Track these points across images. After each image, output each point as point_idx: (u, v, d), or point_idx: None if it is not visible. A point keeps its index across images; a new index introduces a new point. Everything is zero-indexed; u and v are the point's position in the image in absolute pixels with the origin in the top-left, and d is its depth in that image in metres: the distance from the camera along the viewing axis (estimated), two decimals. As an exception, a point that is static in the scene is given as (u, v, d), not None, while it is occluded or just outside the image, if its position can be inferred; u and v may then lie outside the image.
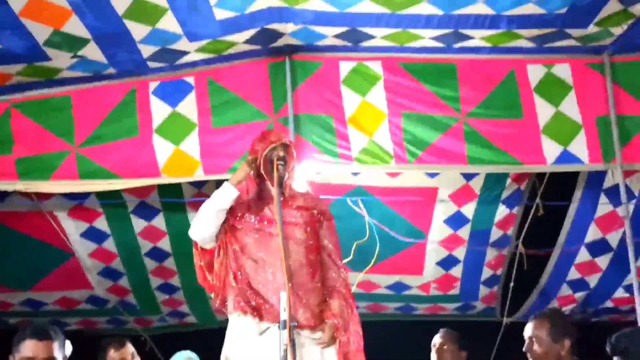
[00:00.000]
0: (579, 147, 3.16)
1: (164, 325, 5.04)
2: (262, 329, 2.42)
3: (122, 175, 3.27)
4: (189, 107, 3.26)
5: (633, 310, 4.28)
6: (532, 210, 3.89)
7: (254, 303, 2.44)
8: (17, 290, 4.36)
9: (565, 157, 3.16)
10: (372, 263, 3.54)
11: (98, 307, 4.65)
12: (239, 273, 2.52)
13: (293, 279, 2.44)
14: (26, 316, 4.59)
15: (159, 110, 3.25)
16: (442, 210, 4.01)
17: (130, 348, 3.55)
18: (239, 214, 2.58)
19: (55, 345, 2.42)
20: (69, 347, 2.53)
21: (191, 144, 3.25)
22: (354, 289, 3.41)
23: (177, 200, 3.87)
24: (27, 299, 4.44)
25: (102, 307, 4.66)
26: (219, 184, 3.77)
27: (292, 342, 2.20)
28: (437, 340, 3.62)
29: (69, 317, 4.69)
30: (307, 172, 3.31)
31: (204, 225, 2.58)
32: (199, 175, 3.30)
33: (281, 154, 2.52)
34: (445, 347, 3.55)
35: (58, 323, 3.19)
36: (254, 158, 2.57)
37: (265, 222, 2.55)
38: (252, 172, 2.58)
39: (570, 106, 3.22)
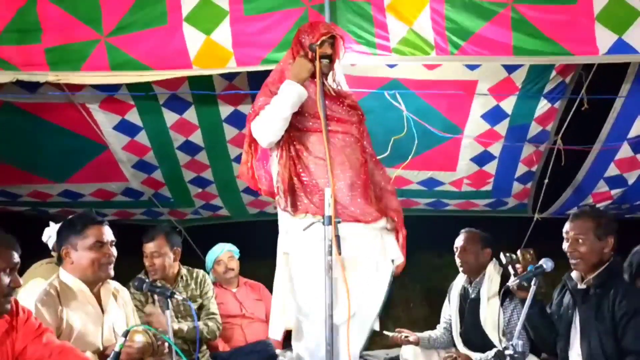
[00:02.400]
0: (636, 35, 2.93)
1: (197, 217, 5.17)
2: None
3: (153, 66, 3.19)
4: (219, -7, 3.10)
5: (670, 208, 4.25)
6: (576, 104, 3.75)
7: (320, 202, 2.46)
8: (54, 181, 4.46)
9: (619, 46, 2.95)
10: (410, 158, 3.49)
11: (134, 199, 4.75)
12: (304, 173, 2.51)
13: (353, 177, 2.48)
14: (65, 207, 4.73)
15: (188, -5, 3.10)
16: (480, 104, 3.88)
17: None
18: (299, 113, 2.52)
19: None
20: None
21: (223, 34, 3.13)
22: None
23: (208, 93, 3.79)
24: (64, 190, 4.55)
25: (138, 199, 4.76)
26: (251, 76, 3.73)
27: (337, 237, 2.23)
28: (458, 242, 3.62)
29: (106, 208, 4.82)
30: (342, 64, 3.18)
31: (274, 129, 2.51)
32: (232, 66, 3.20)
33: (328, 51, 2.47)
34: (467, 248, 3.55)
35: (97, 214, 3.26)
36: (307, 53, 2.50)
37: (334, 121, 2.56)
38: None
39: (628, -11, 2.97)
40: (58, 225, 3.41)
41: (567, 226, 2.83)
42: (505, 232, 5.05)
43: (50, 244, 3.36)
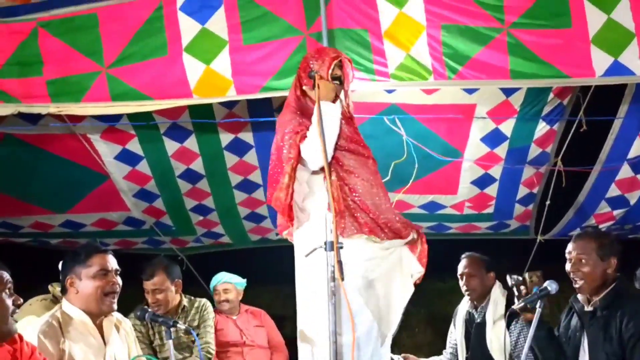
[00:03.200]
0: (631, 57, 2.96)
1: (199, 245, 5.16)
2: (386, 246, 2.57)
3: (153, 96, 3.22)
4: (218, 23, 3.14)
5: (673, 227, 4.23)
6: (574, 126, 3.76)
7: (371, 222, 2.55)
8: (55, 212, 4.46)
9: (616, 68, 2.97)
10: (410, 182, 3.49)
11: (135, 228, 4.75)
12: (356, 194, 2.57)
13: (374, 199, 2.57)
14: (66, 237, 4.73)
15: (188, 27, 3.14)
16: (480, 127, 3.90)
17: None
18: None
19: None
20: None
21: (222, 63, 3.16)
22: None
23: (209, 121, 3.81)
24: (66, 221, 4.55)
25: (139, 228, 4.76)
26: (250, 104, 3.76)
27: (340, 263, 2.22)
28: (462, 269, 3.60)
29: (108, 237, 4.81)
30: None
31: (329, 149, 2.52)
32: (232, 95, 3.22)
33: (338, 73, 2.52)
34: (472, 274, 3.54)
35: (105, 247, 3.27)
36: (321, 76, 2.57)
37: (354, 143, 2.62)
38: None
39: (623, 12, 2.99)
40: None
41: (569, 247, 2.82)
42: (508, 255, 5.03)
43: None
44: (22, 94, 3.09)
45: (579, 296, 2.83)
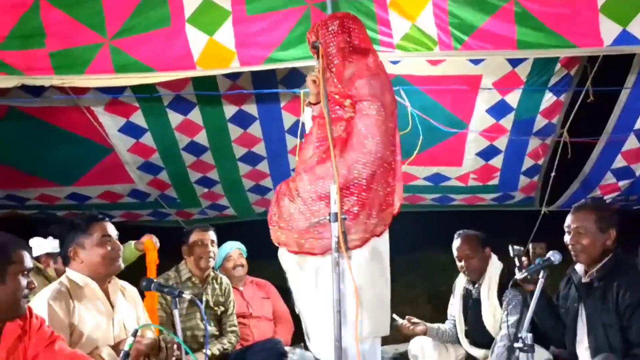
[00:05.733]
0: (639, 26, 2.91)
1: (204, 217, 5.18)
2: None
3: (157, 68, 3.18)
4: (221, -7, 3.09)
5: (678, 198, 4.22)
6: (581, 97, 3.73)
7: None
8: (61, 185, 4.48)
9: (624, 38, 2.91)
10: (415, 153, 3.48)
11: (140, 201, 4.77)
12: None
13: None
14: (72, 209, 4.75)
15: (190, -3, 3.10)
16: (485, 99, 3.87)
17: (212, 235, 3.72)
18: None
19: None
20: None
21: (226, 34, 3.11)
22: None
23: (212, 93, 3.79)
24: (72, 193, 4.57)
25: (144, 201, 4.78)
26: (254, 75, 3.74)
27: (344, 233, 2.23)
28: (459, 249, 3.56)
29: (113, 210, 4.84)
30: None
31: None
32: (235, 66, 3.18)
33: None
34: (470, 254, 3.52)
35: (104, 215, 3.29)
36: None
37: None
38: None
39: (633, -20, 2.94)
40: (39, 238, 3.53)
41: (569, 219, 2.82)
42: (512, 226, 5.05)
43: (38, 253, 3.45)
44: (25, 67, 3.06)
45: (577, 267, 2.84)
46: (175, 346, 2.54)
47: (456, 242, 3.59)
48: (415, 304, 5.86)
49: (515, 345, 2.24)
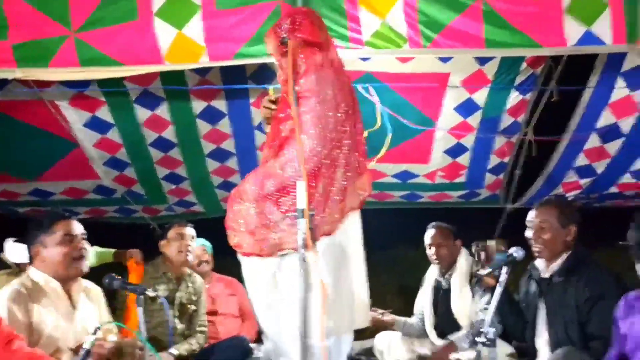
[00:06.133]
0: (603, 27, 2.97)
1: (171, 214, 5.13)
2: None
3: (124, 62, 3.12)
4: (190, -14, 3.05)
5: (637, 196, 4.35)
6: (546, 96, 3.81)
7: None
8: (23, 180, 4.37)
9: (588, 38, 2.98)
10: (383, 151, 3.50)
11: (106, 197, 4.69)
12: None
13: None
14: (34, 206, 4.64)
15: (158, -10, 3.05)
16: (453, 97, 3.91)
17: (192, 230, 3.69)
18: None
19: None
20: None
21: (195, 28, 3.07)
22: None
23: (181, 88, 3.75)
24: (34, 189, 4.46)
25: (110, 197, 4.70)
26: (224, 70, 3.70)
27: (311, 230, 2.23)
28: (431, 239, 3.66)
29: (78, 206, 4.74)
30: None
31: None
32: (204, 61, 3.15)
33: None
34: (441, 244, 3.60)
35: (68, 212, 3.23)
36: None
37: None
38: None
39: (597, -18, 3.01)
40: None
41: (531, 214, 2.89)
42: (478, 223, 5.13)
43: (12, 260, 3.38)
44: (-14, 59, 2.98)
45: (538, 263, 2.91)
46: (138, 350, 2.51)
47: (429, 232, 3.70)
48: (385, 300, 5.92)
49: (478, 340, 2.27)
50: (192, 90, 3.85)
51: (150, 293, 2.59)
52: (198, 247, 4.10)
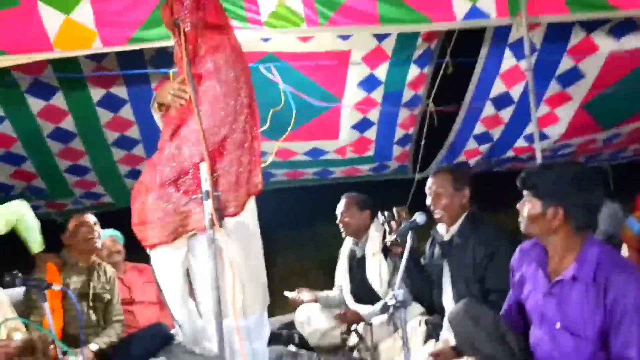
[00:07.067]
0: (488, 1, 3.14)
1: (79, 207, 4.93)
2: None
3: (8, 51, 2.96)
4: (75, -31, 2.92)
5: (532, 158, 4.65)
6: (442, 69, 3.97)
7: None
8: None
9: (474, 12, 3.14)
10: (288, 130, 3.53)
11: (4, 194, 4.43)
12: None
13: None
14: None
15: (40, -26, 2.89)
16: (356, 73, 4.00)
17: (93, 217, 3.55)
18: None
19: None
20: None
21: (84, 13, 2.95)
22: (271, 158, 3.45)
23: (75, 76, 3.59)
24: None
25: (8, 194, 4.45)
26: (121, 56, 3.58)
27: (217, 210, 2.24)
28: (339, 209, 3.77)
29: (-27, 206, 4.46)
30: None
31: None
32: (97, 47, 3.04)
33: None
34: (346, 212, 3.72)
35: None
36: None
37: None
38: None
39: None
40: None
41: (428, 182, 3.06)
42: (390, 194, 5.29)
43: None
44: None
45: (439, 227, 3.09)
46: (51, 346, 2.43)
47: (340, 202, 3.76)
48: (307, 276, 6.01)
49: (389, 302, 2.39)
50: (89, 78, 3.71)
51: (55, 287, 2.50)
52: (108, 237, 3.99)
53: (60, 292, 2.93)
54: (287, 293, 3.83)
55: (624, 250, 3.51)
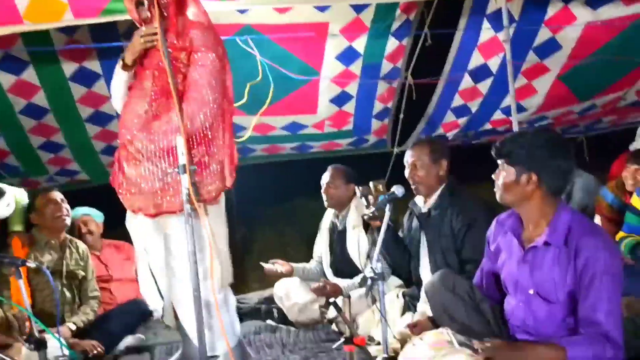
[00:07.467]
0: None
1: (54, 185, 4.84)
2: None
3: (-24, 25, 2.86)
4: (43, -63, 2.81)
5: (509, 131, 4.68)
6: (421, 41, 3.95)
7: None
8: None
9: (452, -17, 3.14)
10: (266, 104, 3.49)
11: (-25, 173, 4.35)
12: None
13: None
14: None
15: (6, -58, 2.78)
16: (334, 45, 3.96)
17: (59, 193, 3.49)
18: None
19: None
20: None
21: (54, -16, 2.86)
22: (249, 132, 3.42)
23: (46, 49, 3.49)
24: None
25: (-21, 173, 4.37)
26: (93, 29, 3.49)
27: (194, 185, 2.22)
28: (324, 178, 3.76)
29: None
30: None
31: None
32: (69, 19, 2.94)
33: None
34: (331, 183, 3.71)
35: None
36: None
37: None
38: None
39: None
40: None
41: (406, 155, 3.07)
42: (369, 168, 5.30)
43: None
44: None
45: (417, 200, 3.11)
46: (27, 322, 2.41)
47: (325, 173, 3.75)
48: (285, 251, 6.02)
49: (367, 275, 2.40)
50: (61, 52, 3.61)
51: (30, 264, 2.47)
52: (79, 218, 3.94)
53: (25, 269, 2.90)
54: (262, 263, 3.83)
55: (597, 221, 3.58)
